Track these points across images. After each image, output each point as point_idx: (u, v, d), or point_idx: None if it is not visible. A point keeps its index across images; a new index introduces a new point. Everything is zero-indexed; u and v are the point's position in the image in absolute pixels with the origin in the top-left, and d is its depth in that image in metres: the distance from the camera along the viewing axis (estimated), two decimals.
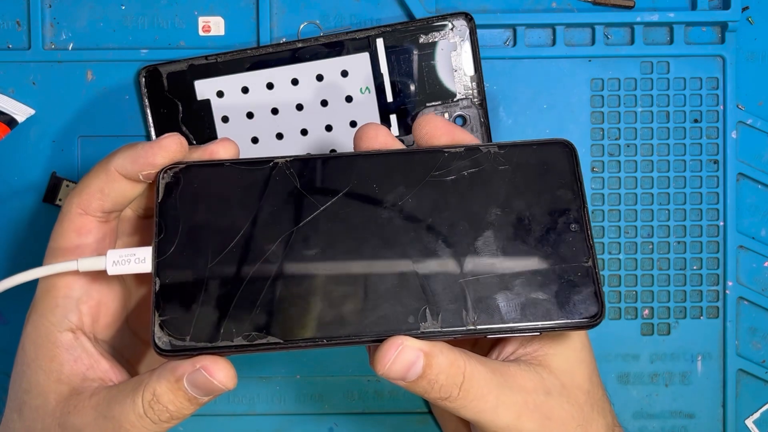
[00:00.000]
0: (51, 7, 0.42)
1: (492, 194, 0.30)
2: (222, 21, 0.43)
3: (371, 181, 0.31)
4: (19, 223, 0.42)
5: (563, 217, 0.30)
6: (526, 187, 0.31)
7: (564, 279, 0.29)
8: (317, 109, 0.41)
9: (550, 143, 0.31)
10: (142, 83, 0.41)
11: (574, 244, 0.30)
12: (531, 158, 0.31)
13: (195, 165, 0.31)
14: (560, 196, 0.30)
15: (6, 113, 0.41)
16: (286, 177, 0.31)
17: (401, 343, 0.28)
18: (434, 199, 0.30)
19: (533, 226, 0.30)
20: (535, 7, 0.43)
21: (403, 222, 0.30)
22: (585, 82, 0.43)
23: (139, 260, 0.30)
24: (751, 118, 0.42)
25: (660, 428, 0.42)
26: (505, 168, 0.31)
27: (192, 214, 0.30)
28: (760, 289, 0.43)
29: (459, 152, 0.31)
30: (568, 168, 0.31)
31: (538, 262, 0.30)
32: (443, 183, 0.31)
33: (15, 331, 0.42)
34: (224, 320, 0.29)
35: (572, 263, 0.30)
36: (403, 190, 0.30)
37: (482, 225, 0.30)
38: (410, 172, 0.31)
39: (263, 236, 0.30)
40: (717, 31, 0.43)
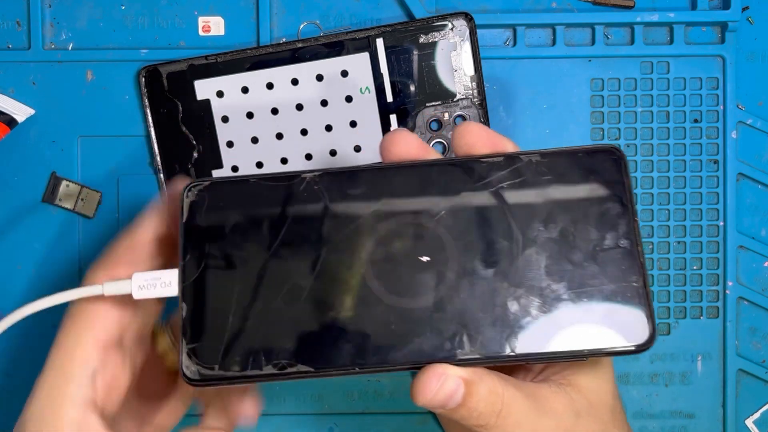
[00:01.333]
0: (51, 7, 0.42)
1: (533, 207, 0.28)
2: (222, 21, 0.43)
3: (404, 195, 0.28)
4: (19, 223, 0.42)
5: (611, 232, 0.28)
6: (570, 199, 0.28)
7: (612, 300, 0.27)
8: (317, 109, 0.41)
9: (597, 150, 0.28)
10: (142, 83, 0.41)
11: (623, 262, 0.27)
12: (576, 167, 0.28)
13: (219, 182, 0.29)
14: (608, 209, 0.28)
15: (6, 113, 0.41)
16: (314, 193, 0.29)
17: (443, 373, 0.26)
18: (472, 214, 0.28)
19: (578, 242, 0.28)
20: (535, 7, 0.43)
21: (438, 240, 0.28)
22: (585, 82, 0.43)
23: (164, 284, 0.28)
24: (751, 118, 0.42)
25: (660, 428, 0.42)
26: (547, 178, 0.28)
27: (218, 234, 0.28)
28: (760, 289, 0.43)
29: (498, 162, 0.28)
30: (617, 177, 0.28)
31: (584, 283, 0.27)
32: (481, 196, 0.28)
33: (15, 330, 0.42)
34: (254, 347, 0.27)
35: (621, 283, 0.27)
36: (438, 205, 0.28)
37: (523, 242, 0.28)
38: (446, 185, 0.28)
39: (292, 258, 0.28)
40: (717, 31, 0.43)
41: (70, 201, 0.42)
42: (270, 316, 0.28)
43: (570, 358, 0.27)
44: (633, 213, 0.28)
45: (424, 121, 0.42)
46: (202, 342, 0.27)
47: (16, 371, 0.42)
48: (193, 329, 0.28)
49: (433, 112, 0.42)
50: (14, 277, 0.42)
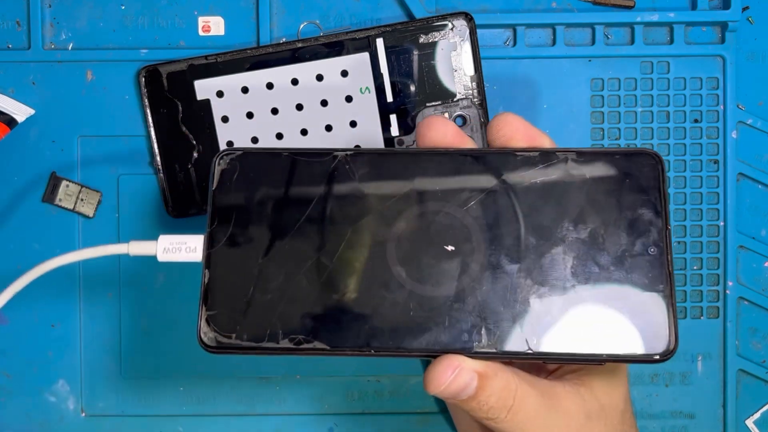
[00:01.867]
0: (51, 7, 0.42)
1: (565, 206, 0.28)
2: (222, 21, 0.43)
3: (434, 182, 0.28)
4: (18, 223, 0.42)
5: (642, 238, 0.27)
6: (603, 201, 0.28)
7: (636, 307, 0.27)
8: (317, 109, 0.41)
9: (635, 153, 0.28)
10: (141, 83, 0.41)
11: (651, 269, 0.27)
12: (612, 169, 0.28)
13: (252, 152, 0.29)
14: (641, 214, 0.28)
15: (6, 113, 0.41)
16: (345, 172, 0.29)
17: (458, 365, 0.26)
18: (501, 208, 0.28)
19: (608, 245, 0.27)
20: (535, 7, 0.43)
21: (465, 230, 0.28)
22: (585, 82, 0.43)
23: (189, 249, 0.29)
24: (751, 118, 0.42)
25: (660, 428, 0.42)
26: (582, 178, 0.28)
27: (247, 204, 0.28)
28: (760, 289, 0.42)
29: (533, 157, 0.28)
30: (653, 183, 0.28)
31: (610, 287, 0.27)
32: (512, 190, 0.28)
33: (15, 331, 0.43)
34: (272, 320, 0.27)
35: (647, 291, 0.27)
36: (468, 195, 0.28)
37: (551, 240, 0.28)
38: (478, 175, 0.28)
39: (317, 235, 0.28)
40: (717, 31, 0.43)
41: (70, 201, 0.42)
42: (290, 291, 0.28)
43: (587, 361, 0.27)
44: (666, 221, 0.27)
45: None
46: (222, 310, 0.27)
47: (16, 371, 0.42)
48: (214, 297, 0.27)
49: (433, 112, 0.42)
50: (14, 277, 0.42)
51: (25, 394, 0.43)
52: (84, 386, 0.43)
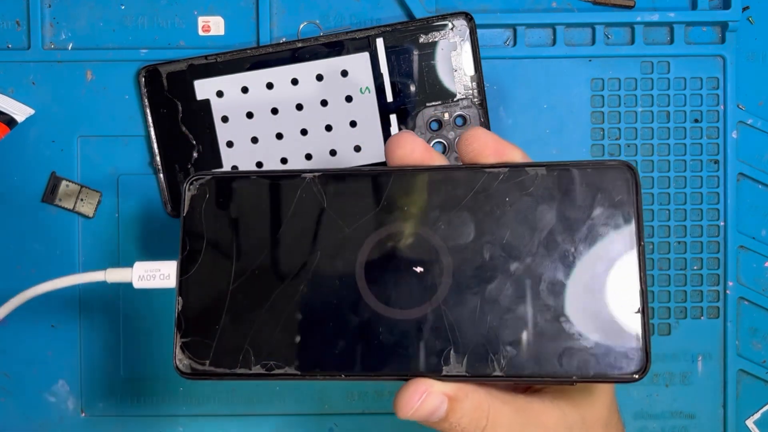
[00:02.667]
0: (51, 7, 0.42)
1: (535, 224, 0.27)
2: (222, 21, 0.42)
3: (403, 201, 0.27)
4: (18, 223, 0.42)
5: (614, 255, 0.26)
6: (574, 217, 0.27)
7: (608, 327, 0.26)
8: (317, 109, 0.41)
9: (608, 166, 0.27)
10: (141, 83, 0.41)
11: (623, 288, 0.26)
12: (583, 183, 0.27)
13: (220, 177, 0.29)
14: (613, 231, 0.26)
15: (5, 113, 0.41)
16: (313, 194, 0.28)
17: (425, 390, 0.26)
18: (470, 226, 0.27)
19: (578, 263, 0.26)
20: (535, 7, 0.43)
21: (434, 250, 0.27)
22: (585, 82, 0.42)
23: (163, 276, 0.29)
24: (751, 118, 0.42)
25: (660, 428, 0.42)
26: (552, 193, 0.27)
27: (217, 229, 0.28)
28: (760, 289, 0.42)
29: (502, 173, 0.27)
30: (627, 198, 0.27)
31: (580, 306, 0.26)
32: (482, 208, 0.27)
33: (15, 331, 0.43)
34: (243, 346, 0.27)
35: (619, 310, 0.26)
36: (437, 214, 0.27)
37: (522, 259, 0.27)
38: (447, 193, 0.27)
39: (286, 259, 0.28)
40: (717, 31, 0.43)
41: (69, 201, 0.42)
42: (261, 316, 0.27)
43: (557, 382, 0.26)
44: (640, 238, 0.26)
45: (424, 121, 0.42)
46: (195, 337, 0.27)
47: (16, 371, 0.42)
48: (188, 324, 0.27)
49: (433, 112, 0.42)
50: (14, 277, 0.42)
51: (24, 394, 0.43)
52: (84, 386, 0.43)
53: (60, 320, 0.42)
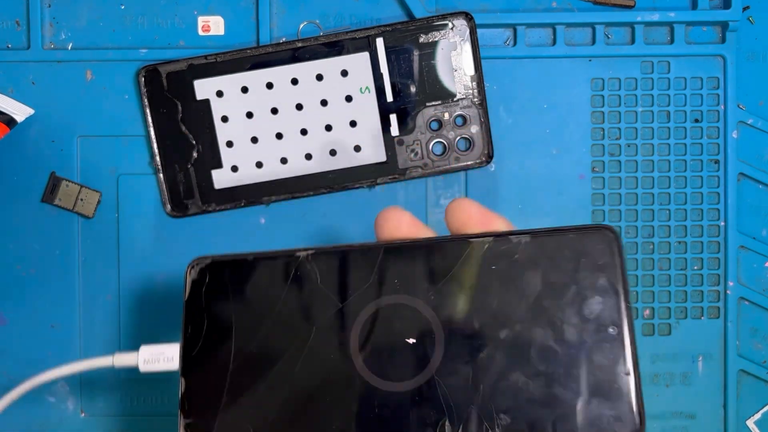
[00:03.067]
0: (50, 7, 0.42)
1: (521, 291, 0.27)
2: (222, 21, 0.42)
3: (393, 274, 0.28)
4: (18, 223, 0.42)
5: (601, 318, 0.27)
6: (560, 282, 0.27)
7: (599, 392, 0.26)
8: (317, 109, 0.41)
9: (589, 230, 0.27)
10: (141, 83, 0.41)
11: (612, 351, 0.26)
12: (567, 248, 0.27)
13: (219, 261, 0.29)
14: (599, 294, 0.27)
15: (5, 113, 0.41)
16: (307, 272, 0.29)
17: None
18: (459, 296, 0.28)
19: (566, 329, 0.27)
20: (536, 7, 0.43)
21: (425, 321, 0.28)
22: (585, 82, 0.42)
23: (167, 359, 0.30)
24: (751, 118, 0.42)
25: (661, 429, 0.42)
26: (537, 260, 0.27)
27: (217, 312, 0.29)
28: (761, 290, 0.42)
29: (487, 242, 0.28)
30: (610, 261, 0.27)
31: (571, 371, 0.26)
32: (469, 277, 0.28)
33: (15, 331, 0.42)
34: (244, 427, 0.28)
35: (608, 373, 0.26)
36: (426, 285, 0.28)
37: (511, 327, 0.27)
38: (435, 265, 0.28)
39: (282, 338, 0.28)
40: (717, 31, 0.43)
41: (69, 201, 0.42)
42: (258, 397, 0.28)
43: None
44: (626, 299, 0.27)
45: (424, 121, 0.41)
46: (197, 419, 0.28)
47: (16, 371, 0.42)
48: (191, 405, 0.28)
49: (433, 111, 0.41)
50: (14, 277, 0.42)
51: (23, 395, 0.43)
52: (83, 386, 0.42)
53: (60, 320, 0.42)
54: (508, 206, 0.42)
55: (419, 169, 0.42)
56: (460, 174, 0.42)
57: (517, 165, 0.42)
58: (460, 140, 0.42)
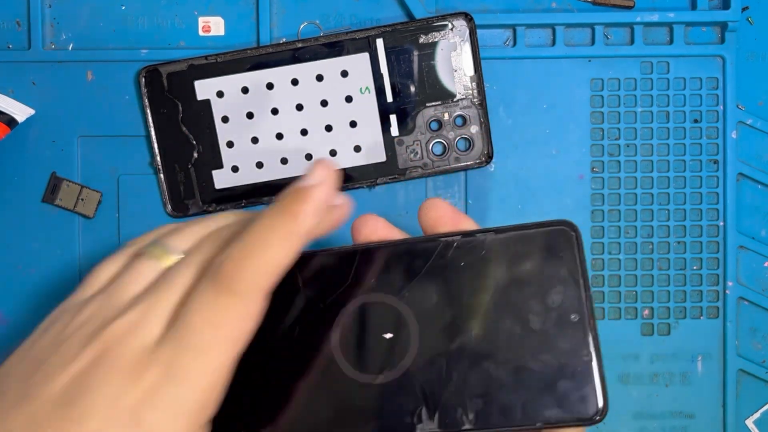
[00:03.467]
0: (51, 7, 0.42)
1: (489, 285, 0.29)
2: (222, 21, 0.43)
3: (370, 275, 0.30)
4: (19, 223, 0.42)
5: (564, 307, 0.29)
6: (525, 275, 0.29)
7: (565, 375, 0.28)
8: (317, 109, 0.41)
9: (551, 226, 0.29)
10: (142, 83, 0.41)
11: (574, 336, 0.29)
12: (531, 243, 0.30)
13: None
14: (561, 285, 0.29)
15: (6, 113, 0.41)
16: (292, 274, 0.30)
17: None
18: (431, 292, 0.30)
19: (533, 318, 0.29)
20: (535, 7, 0.43)
21: (402, 318, 0.30)
22: (585, 82, 0.43)
23: None
24: (751, 118, 0.42)
25: (660, 428, 0.42)
26: (503, 255, 0.30)
27: None
28: (760, 290, 0.43)
29: (456, 240, 0.30)
30: (570, 254, 0.29)
31: (538, 358, 0.29)
32: (440, 274, 0.30)
33: (15, 330, 0.42)
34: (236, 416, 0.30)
35: (572, 357, 0.29)
36: (401, 284, 0.30)
37: (480, 319, 0.29)
38: (408, 264, 0.30)
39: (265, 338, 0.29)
40: (717, 31, 0.43)
41: (70, 201, 0.42)
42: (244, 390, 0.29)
43: (524, 429, 0.28)
44: (586, 288, 0.29)
45: (424, 121, 0.42)
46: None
47: None
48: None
49: (433, 112, 0.42)
50: (14, 277, 0.42)
51: None
52: None
53: None
54: (507, 206, 0.43)
55: (419, 169, 0.42)
56: (460, 174, 0.43)
57: (516, 165, 0.43)
58: (460, 140, 0.42)
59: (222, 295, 0.26)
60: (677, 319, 0.42)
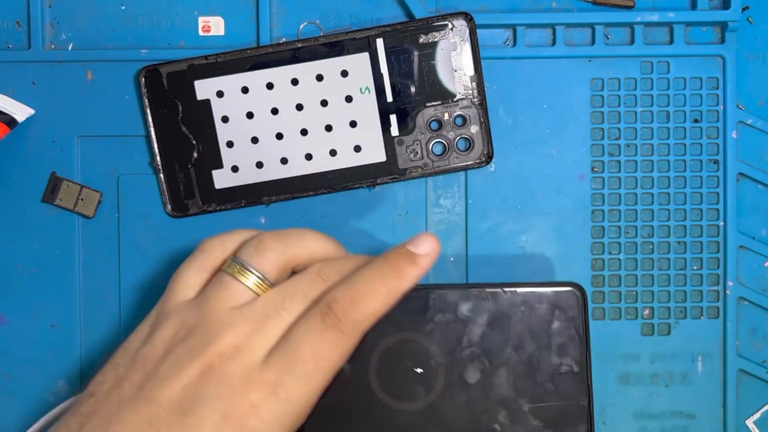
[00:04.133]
0: (51, 7, 0.42)
1: (508, 333, 0.36)
2: (222, 21, 0.43)
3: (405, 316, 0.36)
4: (19, 223, 0.42)
5: (567, 358, 0.36)
6: (538, 327, 0.36)
7: (563, 414, 0.35)
8: (317, 109, 0.41)
9: (562, 286, 0.36)
10: (142, 83, 0.41)
11: (574, 384, 0.36)
12: (544, 301, 0.36)
13: None
14: (567, 339, 0.36)
15: (6, 113, 0.41)
16: None
17: None
18: (458, 335, 0.36)
19: (541, 365, 0.36)
20: (535, 7, 0.43)
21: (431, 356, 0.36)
22: (585, 82, 0.43)
23: None
24: (751, 118, 0.42)
25: (660, 428, 0.42)
26: (521, 309, 0.36)
27: None
28: (760, 290, 0.43)
29: (483, 293, 0.36)
30: (577, 313, 0.36)
31: (543, 399, 0.35)
32: (467, 321, 0.36)
33: (15, 331, 0.43)
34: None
35: (571, 401, 0.35)
36: (432, 327, 0.36)
37: (497, 362, 0.36)
38: (439, 309, 0.36)
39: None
40: (717, 31, 0.43)
41: (70, 201, 0.42)
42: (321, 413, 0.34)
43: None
44: (587, 344, 0.36)
45: (424, 121, 0.42)
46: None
47: (16, 371, 0.42)
48: None
49: (433, 112, 0.42)
50: (14, 277, 0.42)
51: (25, 394, 0.43)
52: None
53: (60, 320, 0.42)
54: (507, 206, 0.43)
55: (419, 169, 0.42)
56: (460, 174, 0.43)
57: (516, 165, 0.43)
58: (460, 140, 0.42)
59: (329, 332, 0.30)
60: (677, 319, 0.42)
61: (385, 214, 0.43)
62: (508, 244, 0.42)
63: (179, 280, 0.35)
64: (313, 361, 0.30)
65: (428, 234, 0.33)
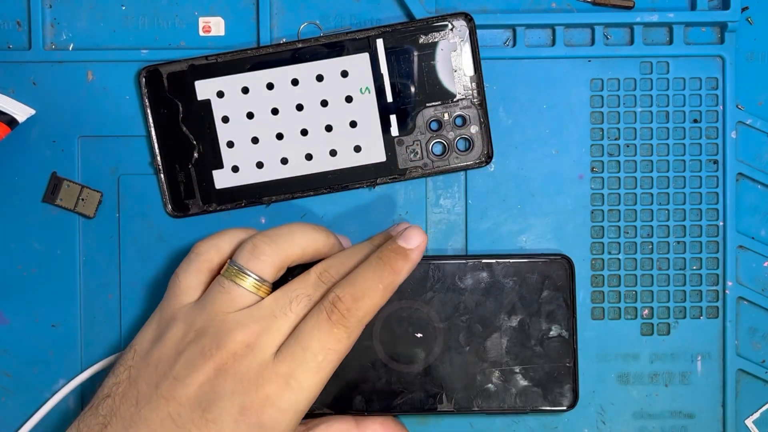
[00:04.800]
0: (51, 8, 0.43)
1: (502, 301, 0.39)
2: (222, 21, 0.43)
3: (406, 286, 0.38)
4: (19, 223, 0.42)
5: (556, 324, 0.39)
6: (529, 296, 0.39)
7: (551, 375, 0.39)
8: (317, 109, 0.42)
9: (552, 257, 0.39)
10: (142, 83, 0.41)
11: (561, 347, 0.39)
12: (535, 271, 0.39)
13: None
14: (555, 307, 0.39)
15: (6, 113, 0.41)
16: None
17: None
18: (456, 303, 0.39)
19: (532, 331, 0.39)
20: (535, 8, 0.43)
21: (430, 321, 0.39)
22: (585, 83, 0.43)
23: None
24: (750, 118, 0.42)
25: (660, 428, 0.43)
26: (513, 278, 0.39)
27: None
28: (759, 289, 0.43)
29: (478, 263, 0.39)
30: (566, 283, 0.39)
31: (533, 361, 0.39)
32: (464, 289, 0.39)
33: (15, 331, 0.43)
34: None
35: (558, 363, 0.39)
36: (432, 295, 0.39)
37: (491, 328, 0.39)
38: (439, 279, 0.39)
39: None
40: (716, 32, 0.43)
41: (70, 201, 0.42)
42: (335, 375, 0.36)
43: (517, 413, 0.40)
44: (574, 312, 0.39)
45: (424, 121, 0.42)
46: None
47: (16, 371, 0.43)
48: None
49: (433, 112, 0.42)
50: (14, 277, 0.42)
51: (25, 394, 0.43)
52: (84, 386, 0.43)
53: (60, 320, 0.42)
54: (507, 206, 0.43)
55: (419, 169, 0.42)
56: (460, 174, 0.43)
57: (516, 165, 0.43)
58: (460, 140, 0.42)
59: (335, 327, 0.34)
60: (677, 319, 0.42)
61: (385, 214, 0.43)
62: (508, 243, 0.42)
63: (179, 283, 0.37)
64: (323, 354, 0.33)
65: (415, 227, 0.36)
